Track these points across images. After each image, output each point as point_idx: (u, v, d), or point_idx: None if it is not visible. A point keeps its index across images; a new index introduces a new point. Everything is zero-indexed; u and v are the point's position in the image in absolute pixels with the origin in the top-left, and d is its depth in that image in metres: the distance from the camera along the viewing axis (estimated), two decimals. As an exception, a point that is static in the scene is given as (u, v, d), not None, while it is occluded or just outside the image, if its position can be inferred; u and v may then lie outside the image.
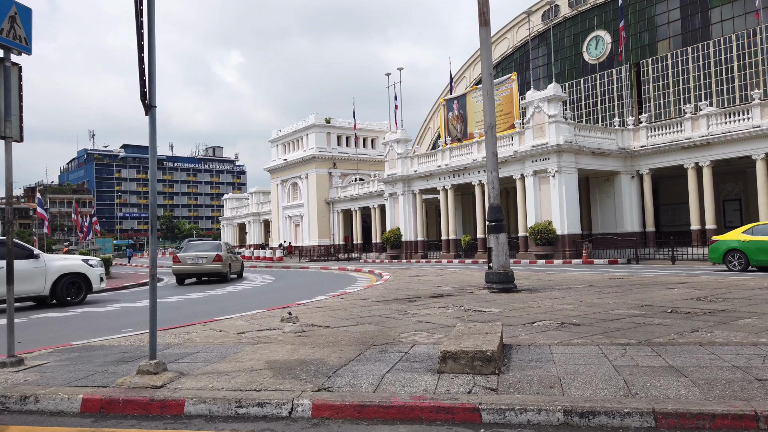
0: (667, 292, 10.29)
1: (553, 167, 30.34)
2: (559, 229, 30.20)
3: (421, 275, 18.34)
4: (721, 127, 28.88)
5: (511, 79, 36.13)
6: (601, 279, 14.03)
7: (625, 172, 32.76)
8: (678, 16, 38.26)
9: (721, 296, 9.38)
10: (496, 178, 11.82)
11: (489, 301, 9.82)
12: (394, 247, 41.60)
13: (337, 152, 61.39)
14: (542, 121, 30.96)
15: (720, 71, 35.59)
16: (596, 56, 43.45)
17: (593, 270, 21.39)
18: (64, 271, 12.27)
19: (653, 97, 39.44)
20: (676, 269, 20.71)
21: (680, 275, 16.45)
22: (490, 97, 11.91)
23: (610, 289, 11.41)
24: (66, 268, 12.36)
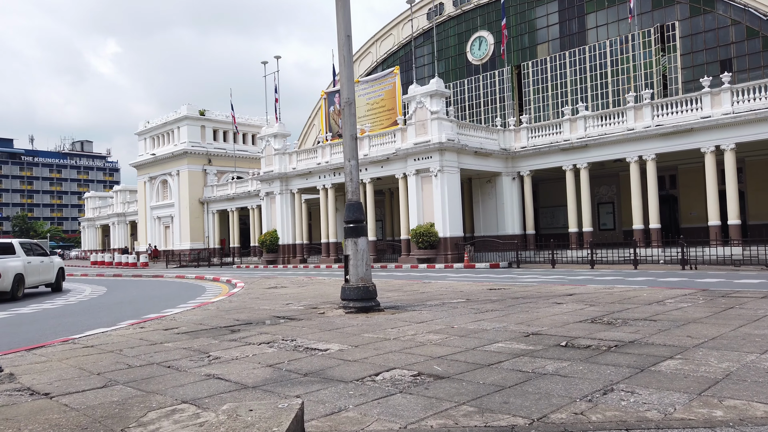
0: (556, 310, 8.39)
1: (435, 166, 28.84)
2: (442, 232, 28.75)
3: (280, 286, 15.55)
4: (597, 130, 28.95)
5: (393, 73, 34.38)
6: (480, 290, 12.10)
7: (507, 174, 32.14)
8: (556, 20, 38.70)
9: (619, 316, 7.57)
10: (355, 168, 9.38)
11: (336, 329, 7.29)
12: (270, 251, 38.31)
13: (213, 148, 56.67)
14: (425, 117, 29.38)
15: (595, 76, 36.30)
16: (480, 57, 43.11)
17: (474, 276, 19.82)
18: None
19: (533, 99, 39.63)
20: (558, 274, 19.69)
21: (564, 282, 15.09)
22: (348, 65, 9.46)
23: (489, 304, 9.38)
24: None
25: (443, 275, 20.82)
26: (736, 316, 7.14)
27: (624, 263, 23.75)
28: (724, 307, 8.00)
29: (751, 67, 30.14)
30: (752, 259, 20.35)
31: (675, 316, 7.37)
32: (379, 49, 50.67)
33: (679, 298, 9.27)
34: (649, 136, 26.71)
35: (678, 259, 21.95)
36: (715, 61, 31.47)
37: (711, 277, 15.95)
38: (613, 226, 35.43)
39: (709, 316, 7.20)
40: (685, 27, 32.77)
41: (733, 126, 24.21)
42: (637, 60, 34.18)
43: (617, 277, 16.92)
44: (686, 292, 10.23)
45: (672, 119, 26.20)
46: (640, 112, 27.28)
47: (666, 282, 14.46)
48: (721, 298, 9.17)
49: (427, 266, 28.00)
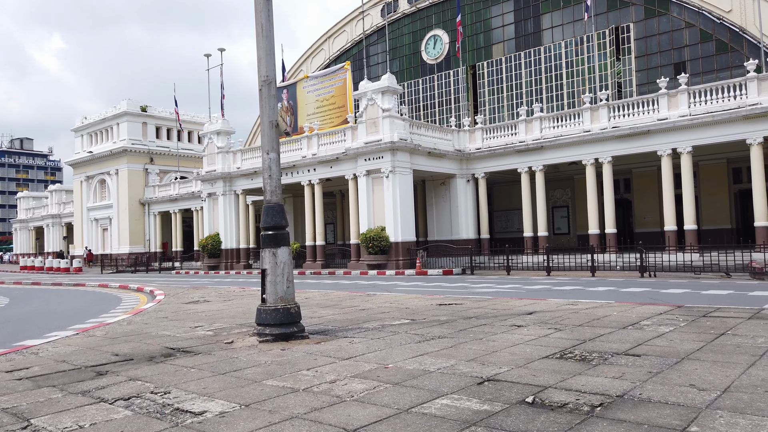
0: (516, 337, 6.90)
1: (387, 167, 27.31)
2: (393, 236, 27.22)
3: (203, 300, 13.63)
4: (553, 131, 28.07)
5: (344, 68, 32.72)
6: (428, 306, 10.56)
7: (461, 175, 30.94)
8: (512, 20, 37.90)
9: (593, 348, 6.14)
10: (275, 162, 7.67)
11: (233, 371, 5.58)
12: (212, 256, 35.94)
13: (156, 146, 53.59)
14: (376, 115, 27.82)
15: (551, 77, 35.60)
16: (434, 56, 41.95)
17: (424, 285, 18.34)
18: None
19: (489, 100, 38.70)
20: (513, 282, 18.44)
21: (521, 294, 13.75)
22: (267, 35, 7.74)
23: (437, 327, 7.83)
24: None
25: (392, 284, 19.26)
26: (735, 347, 5.80)
27: (580, 270, 22.79)
28: (713, 333, 6.68)
29: (705, 71, 29.94)
30: (712, 266, 19.63)
31: (661, 347, 5.97)
32: (332, 46, 48.93)
33: (656, 319, 7.95)
34: (606, 138, 25.96)
35: (636, 266, 21.10)
36: (669, 64, 31.17)
37: (675, 287, 14.95)
38: (568, 231, 34.78)
39: (703, 348, 5.83)
40: (639, 29, 32.40)
41: (689, 128, 23.65)
42: (593, 61, 33.63)
43: (576, 287, 15.75)
44: (661, 309, 8.97)
45: (628, 121, 25.52)
46: (596, 113, 26.52)
47: (630, 294, 13.30)
48: (704, 318, 7.90)
49: (377, 272, 26.42)
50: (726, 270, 19.18)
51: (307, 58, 50.88)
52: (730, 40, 29.27)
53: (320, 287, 18.60)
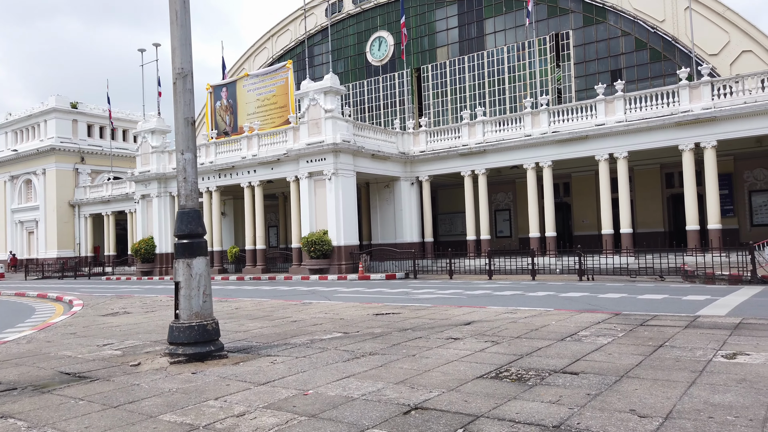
0: (451, 353, 6.48)
1: (329, 169, 26.67)
2: (336, 240, 26.61)
3: (123, 312, 12.63)
4: (495, 135, 28.22)
5: (286, 67, 31.88)
6: (364, 316, 10.05)
7: (406, 178, 30.68)
8: (456, 24, 38.05)
9: (531, 364, 5.79)
10: (191, 163, 6.96)
11: (130, 402, 4.89)
12: (146, 260, 34.24)
13: (87, 145, 50.90)
14: (318, 115, 27.14)
15: (494, 81, 35.92)
16: (379, 58, 41.63)
17: (365, 291, 17.85)
18: None
19: (433, 103, 38.69)
20: (455, 287, 18.20)
21: (462, 301, 13.46)
22: (184, 26, 7.03)
23: (369, 342, 7.32)
24: None
25: (333, 290, 18.65)
26: (674, 362, 5.57)
27: (521, 273, 22.89)
28: (652, 345, 6.47)
29: (640, 78, 30.88)
30: (647, 269, 20.06)
31: (600, 362, 5.67)
32: (276, 44, 47.85)
33: (595, 329, 7.73)
34: (546, 143, 26.28)
35: (574, 269, 21.35)
36: (606, 71, 31.99)
37: (612, 291, 15.06)
38: (510, 234, 35.16)
39: (642, 363, 5.57)
40: (578, 36, 33.12)
41: (625, 134, 24.21)
42: (534, 67, 34.14)
43: (517, 292, 15.64)
44: (599, 318, 8.79)
45: (568, 126, 25.91)
46: (537, 118, 26.81)
47: (569, 299, 13.25)
48: (641, 327, 7.73)
49: (319, 277, 25.73)
50: (660, 273, 19.63)
51: (249, 57, 49.55)
52: (663, 49, 30.31)
53: (256, 294, 17.79)
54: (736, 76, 22.61)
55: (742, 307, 10.47)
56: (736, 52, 28.08)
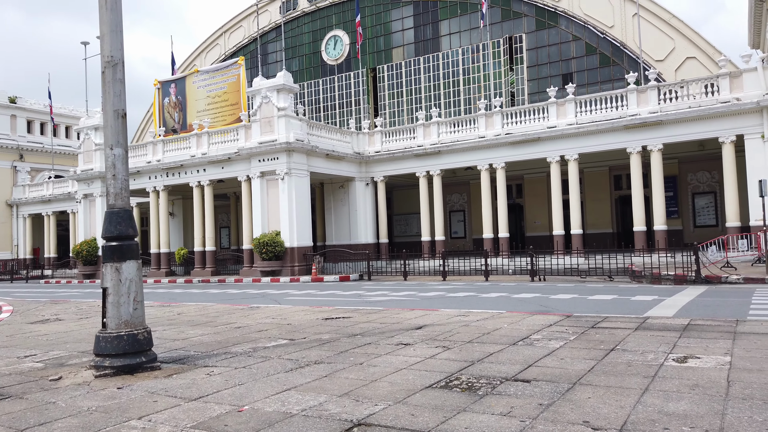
0: (400, 360, 6.19)
1: (282, 168, 26.09)
2: (289, 241, 26.04)
3: (55, 318, 11.82)
4: (450, 136, 28.26)
5: (237, 63, 31.05)
6: (313, 321, 9.66)
7: (360, 179, 30.37)
8: (411, 25, 38.01)
9: (482, 372, 5.56)
10: (122, 159, 6.43)
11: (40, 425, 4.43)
12: (88, 263, 32.72)
13: (27, 141, 48.41)
14: (271, 114, 26.51)
15: (449, 83, 36.05)
16: (335, 57, 41.19)
17: (318, 294, 17.43)
18: None
19: (389, 103, 38.54)
20: (409, 288, 18.00)
21: (415, 304, 13.24)
22: (114, 11, 6.49)
23: (315, 350, 6.96)
24: None
25: (284, 293, 18.14)
26: (626, 366, 5.43)
27: (475, 274, 22.93)
28: (603, 348, 6.35)
29: (590, 82, 31.54)
30: (596, 269, 20.38)
31: (552, 368, 5.49)
32: (228, 41, 46.75)
33: (546, 332, 7.59)
34: (499, 144, 26.47)
35: (527, 270, 21.51)
36: (558, 75, 32.53)
37: (563, 291, 15.15)
38: (465, 235, 35.35)
39: (594, 368, 5.41)
40: (531, 40, 33.59)
41: (576, 136, 24.61)
42: (488, 69, 34.43)
43: (470, 293, 15.55)
44: (550, 320, 8.69)
45: (521, 128, 26.17)
46: (491, 119, 26.99)
47: (521, 301, 13.21)
48: (593, 330, 7.65)
49: (271, 279, 25.11)
50: (609, 273, 19.98)
51: (200, 53, 48.22)
52: (612, 54, 31.06)
53: (203, 298, 17.11)
54: (681, 81, 23.31)
55: (688, 308, 10.61)
56: (680, 59, 29.03)
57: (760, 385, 4.54)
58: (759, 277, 15.47)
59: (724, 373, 4.96)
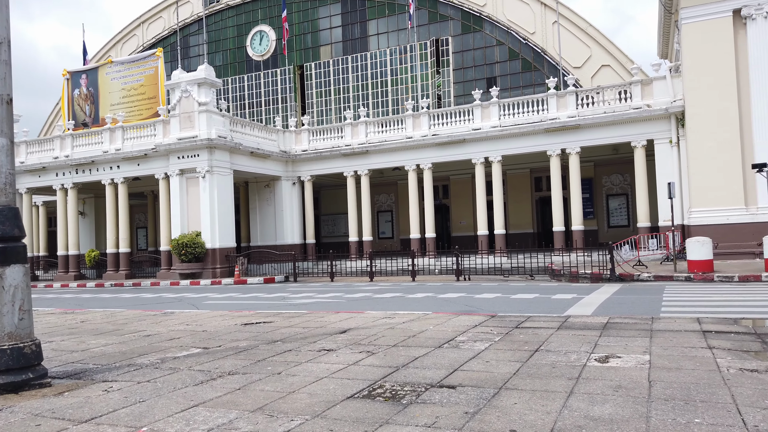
0: (322, 367, 5.86)
1: (203, 166, 24.98)
2: (210, 242, 24.96)
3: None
4: (378, 136, 28.15)
5: (156, 55, 29.51)
6: (230, 327, 9.12)
7: (287, 178, 29.67)
8: (339, 23, 37.63)
9: (407, 378, 5.35)
10: (6, 149, 5.70)
11: None
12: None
13: None
14: (191, 109, 25.33)
15: (377, 83, 35.97)
16: (261, 52, 40.10)
17: (239, 297, 16.73)
18: None
19: (317, 102, 37.96)
20: (336, 290, 17.64)
21: (340, 306, 12.92)
22: (-4, -19, 5.74)
23: (230, 359, 6.48)
24: None
25: (203, 296, 17.28)
26: (551, 368, 5.37)
27: (402, 274, 22.91)
28: (528, 349, 6.30)
29: (513, 86, 32.41)
30: (519, 268, 20.86)
31: (478, 372, 5.34)
32: (147, 32, 44.44)
33: (472, 333, 7.50)
34: (426, 145, 26.64)
35: (453, 270, 21.73)
36: (482, 78, 33.22)
37: (487, 290, 15.32)
38: (392, 235, 35.39)
39: (520, 371, 5.31)
40: (457, 43, 34.11)
41: (500, 139, 25.15)
42: (415, 71, 34.65)
43: (397, 294, 15.42)
44: (476, 320, 8.63)
45: (447, 129, 26.45)
46: (418, 120, 27.11)
47: (447, 301, 13.20)
48: (517, 330, 7.63)
49: (190, 283, 23.96)
50: (530, 272, 20.51)
51: (116, 44, 45.54)
52: (533, 59, 32.07)
53: (113, 303, 15.97)
54: (597, 88, 24.35)
55: (605, 306, 10.93)
56: (596, 66, 30.40)
57: (680, 384, 4.57)
58: (668, 275, 16.32)
59: (644, 373, 4.98)
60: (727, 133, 20.38)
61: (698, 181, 20.92)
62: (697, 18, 20.76)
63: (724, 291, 12.74)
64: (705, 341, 6.24)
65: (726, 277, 15.17)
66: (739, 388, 4.38)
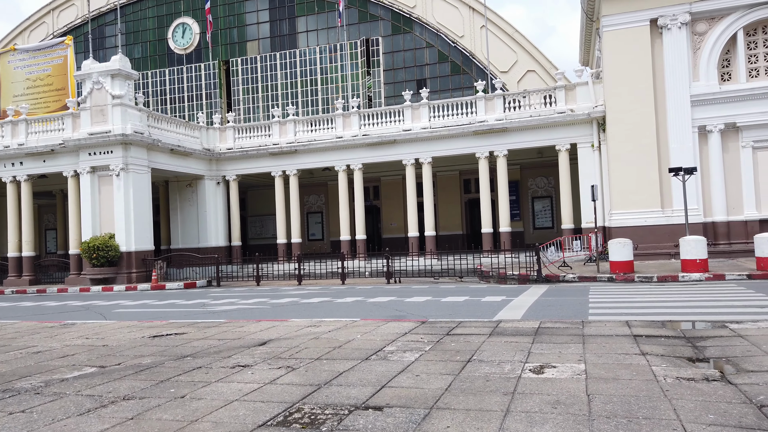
0: (234, 389, 5.21)
1: (117, 163, 23.31)
2: (125, 245, 23.32)
3: None
4: (307, 135, 27.39)
5: (65, 43, 27.37)
6: (135, 342, 8.21)
7: (211, 177, 28.31)
8: (267, 18, 36.50)
9: (324, 398, 4.84)
10: None
11: None
12: None
13: None
14: (104, 102, 23.59)
15: (306, 81, 35.16)
16: (183, 46, 38.26)
17: (155, 304, 15.56)
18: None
19: (243, 99, 36.63)
20: (261, 294, 16.80)
21: (264, 313, 12.18)
22: None
23: (128, 380, 5.70)
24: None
25: (114, 304, 15.95)
26: (485, 382, 5.00)
27: (332, 277, 22.28)
28: (460, 360, 5.92)
29: (442, 89, 32.57)
30: (449, 270, 20.79)
31: (408, 389, 4.88)
32: (58, 20, 41.39)
33: (401, 342, 7.06)
34: (357, 146, 26.17)
35: (383, 272, 21.37)
36: (413, 80, 33.18)
37: (417, 293, 15.03)
38: (322, 237, 34.67)
39: (452, 386, 4.90)
40: (387, 43, 33.90)
41: (430, 140, 25.07)
42: (346, 70, 34.15)
43: (325, 298, 14.83)
44: (405, 327, 8.21)
45: (378, 130, 26.11)
46: (348, 120, 26.60)
47: (376, 305, 12.76)
48: (448, 337, 7.27)
49: (102, 289, 22.27)
50: (460, 274, 20.48)
51: (23, 31, 42.11)
52: (462, 63, 32.37)
53: (10, 314, 14.39)
54: (524, 92, 24.77)
55: (534, 308, 10.85)
56: (522, 71, 31.06)
57: (620, 398, 4.30)
58: (591, 276, 16.67)
59: (582, 385, 4.70)
60: (645, 138, 21.21)
61: (618, 185, 21.65)
62: (617, 26, 21.50)
63: (646, 291, 13.06)
64: (637, 347, 6.10)
65: (646, 278, 15.64)
66: (679, 400, 4.16)
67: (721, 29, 20.54)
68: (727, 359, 5.42)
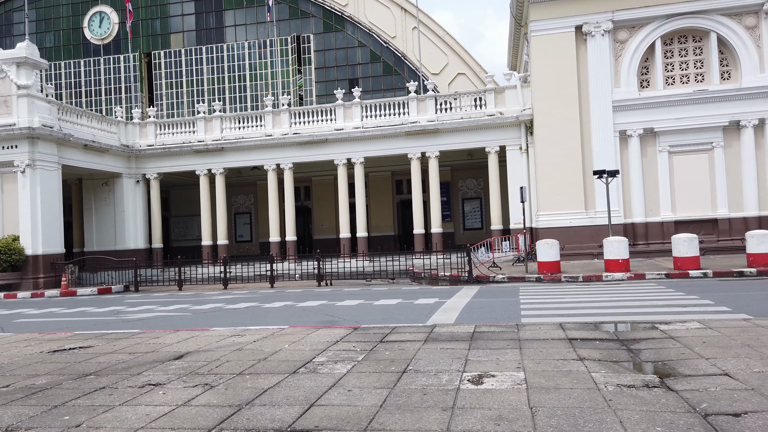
0: (141, 413, 4.60)
1: (23, 159, 21.44)
2: (31, 248, 21.48)
3: None
4: (235, 133, 26.35)
5: (-38, 27, 24.85)
6: (32, 357, 7.31)
7: (129, 175, 26.67)
8: (192, 11, 34.98)
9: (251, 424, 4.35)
10: None
11: None
12: None
13: None
14: (8, 92, 21.64)
15: (234, 77, 33.97)
16: (101, 35, 36.02)
17: (62, 312, 14.27)
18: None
19: (166, 94, 34.90)
20: (183, 300, 15.83)
21: (185, 321, 11.36)
22: None
23: (13, 409, 4.93)
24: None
25: (15, 313, 14.49)
26: (422, 396, 4.66)
27: (261, 280, 21.45)
28: (395, 371, 5.56)
29: (374, 89, 32.36)
30: (381, 272, 20.52)
31: (339, 407, 4.46)
32: (-43, 2, 37.83)
33: (333, 352, 6.62)
34: (287, 144, 25.44)
35: (314, 274, 20.81)
36: (345, 79, 32.76)
37: (349, 297, 14.62)
38: (251, 238, 33.55)
39: (387, 401, 4.53)
40: (318, 41, 33.31)
41: (362, 140, 24.74)
42: (276, 67, 33.26)
43: (252, 303, 14.12)
44: (337, 335, 7.78)
45: (309, 129, 25.49)
46: (278, 118, 25.81)
47: (307, 310, 12.24)
48: (381, 344, 6.90)
49: (4, 295, 20.36)
50: (392, 276, 20.25)
51: None
52: (394, 63, 32.29)
53: None
54: (455, 94, 24.92)
55: (467, 311, 10.70)
56: (453, 73, 31.36)
57: (564, 410, 4.07)
58: (520, 276, 16.87)
59: (523, 396, 4.45)
60: (570, 141, 21.82)
61: (545, 186, 22.15)
62: (544, 32, 22.01)
63: (573, 291, 13.27)
64: (574, 351, 5.96)
65: (572, 278, 15.99)
66: (624, 411, 3.98)
67: (641, 38, 21.47)
68: (663, 363, 5.36)
